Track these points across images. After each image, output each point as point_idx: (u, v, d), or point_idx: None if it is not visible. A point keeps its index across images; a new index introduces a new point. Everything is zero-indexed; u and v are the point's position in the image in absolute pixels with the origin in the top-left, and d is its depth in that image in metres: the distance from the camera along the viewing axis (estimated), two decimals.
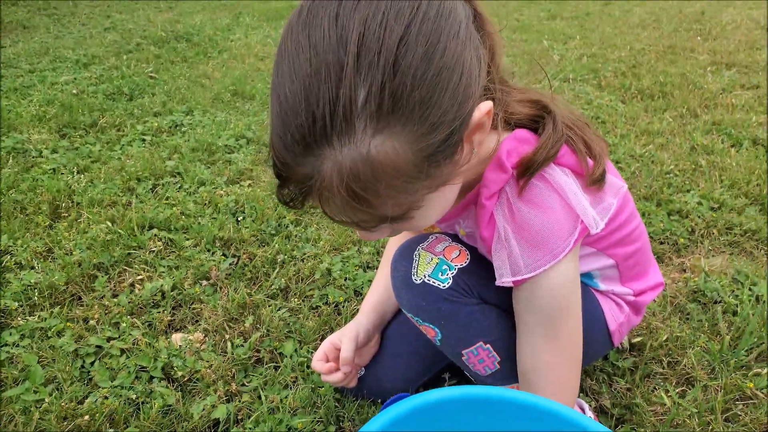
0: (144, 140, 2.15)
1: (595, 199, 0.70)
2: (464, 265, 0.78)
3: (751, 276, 1.31)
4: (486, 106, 0.57)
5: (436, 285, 0.77)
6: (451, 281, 0.77)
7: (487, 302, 0.79)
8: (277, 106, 0.52)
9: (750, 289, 1.26)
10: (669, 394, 0.99)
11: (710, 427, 0.92)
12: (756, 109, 2.45)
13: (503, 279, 0.71)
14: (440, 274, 0.77)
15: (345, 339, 0.90)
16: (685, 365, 1.06)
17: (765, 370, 1.02)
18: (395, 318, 1.01)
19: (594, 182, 0.69)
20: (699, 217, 1.58)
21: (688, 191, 1.73)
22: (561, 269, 0.69)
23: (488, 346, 0.79)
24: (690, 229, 1.54)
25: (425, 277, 0.77)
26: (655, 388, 1.02)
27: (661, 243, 1.48)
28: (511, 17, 4.56)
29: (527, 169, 0.67)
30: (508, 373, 0.81)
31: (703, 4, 4.61)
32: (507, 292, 0.78)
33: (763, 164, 1.88)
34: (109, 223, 1.49)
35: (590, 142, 0.69)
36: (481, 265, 0.79)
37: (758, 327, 1.13)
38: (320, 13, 0.50)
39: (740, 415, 0.95)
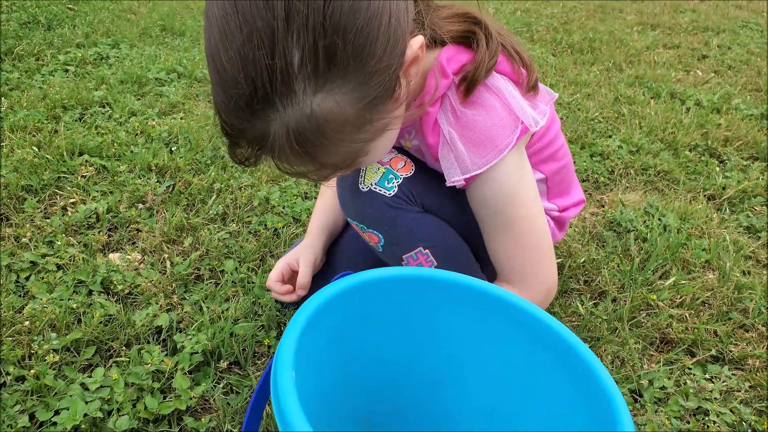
0: (67, 70, 2.04)
1: (532, 104, 0.75)
2: (409, 174, 0.82)
3: (661, 209, 1.43)
4: (417, 41, 0.59)
5: (382, 192, 0.81)
6: (396, 189, 0.81)
7: (428, 211, 0.84)
8: (216, 75, 0.52)
9: (659, 219, 1.38)
10: (584, 306, 1.09)
11: (617, 332, 1.03)
12: (675, 66, 2.61)
13: (453, 179, 0.75)
14: (386, 182, 0.81)
15: (303, 263, 0.93)
16: (598, 282, 1.16)
17: (667, 282, 1.14)
18: (337, 239, 1.04)
19: (530, 89, 0.74)
20: (619, 158, 1.69)
21: (610, 136, 1.84)
22: (507, 164, 0.73)
23: (427, 251, 0.84)
24: (610, 169, 1.65)
25: (372, 185, 0.81)
26: (572, 302, 1.11)
27: (584, 181, 1.59)
28: None
29: (470, 84, 0.71)
30: None
31: None
32: (446, 201, 0.83)
33: (678, 114, 2.02)
34: (35, 149, 1.43)
35: (521, 51, 0.74)
36: (424, 177, 0.83)
37: (663, 250, 1.25)
38: None
39: (643, 322, 1.06)
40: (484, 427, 0.65)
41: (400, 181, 0.81)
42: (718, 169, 1.67)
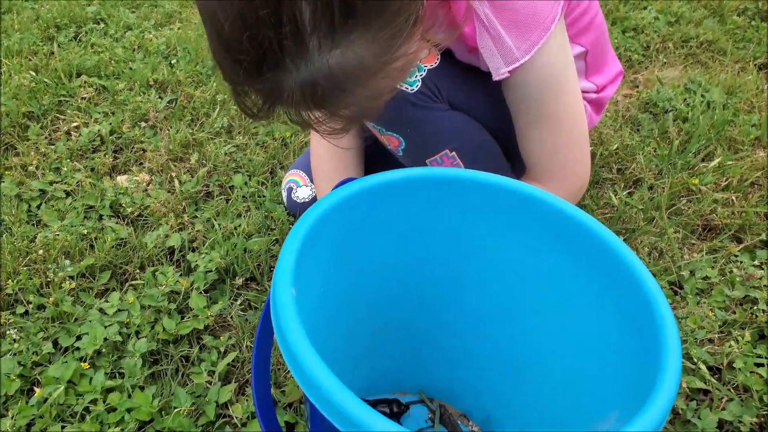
0: None
1: None
2: (434, 65, 0.72)
3: (704, 84, 1.30)
4: None
5: (403, 88, 0.71)
6: (419, 84, 0.72)
7: (455, 107, 0.75)
8: (215, 34, 0.44)
9: (702, 96, 1.26)
10: (617, 196, 1.01)
11: (654, 222, 0.96)
12: None
13: (500, 71, 0.67)
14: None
15: None
16: (633, 170, 1.07)
17: (710, 165, 1.05)
18: None
19: None
20: (655, 32, 1.54)
21: (645, 8, 1.67)
22: (552, 44, 0.66)
23: (453, 153, 0.76)
24: (645, 45, 1.50)
25: None
26: (604, 192, 1.04)
27: None
28: None
29: None
30: None
31: None
32: (476, 94, 0.74)
33: None
34: (33, 73, 1.37)
35: None
36: (450, 67, 0.73)
37: (707, 130, 1.14)
38: None
39: (684, 209, 0.98)
40: (503, 331, 0.61)
41: (424, 73, 0.72)
42: None
